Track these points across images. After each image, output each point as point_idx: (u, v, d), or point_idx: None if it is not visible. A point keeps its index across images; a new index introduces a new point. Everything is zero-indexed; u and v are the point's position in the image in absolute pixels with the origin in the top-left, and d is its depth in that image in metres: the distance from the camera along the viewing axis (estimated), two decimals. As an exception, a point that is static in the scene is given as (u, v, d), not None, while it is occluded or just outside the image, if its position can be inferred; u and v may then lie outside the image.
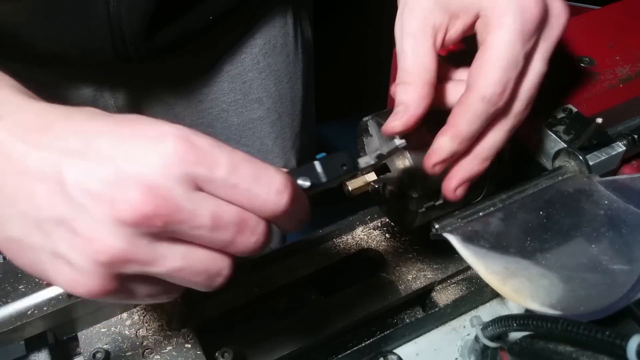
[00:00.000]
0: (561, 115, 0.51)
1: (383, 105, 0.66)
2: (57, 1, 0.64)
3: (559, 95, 0.53)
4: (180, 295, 0.34)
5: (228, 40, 0.84)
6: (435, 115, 0.44)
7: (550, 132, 0.50)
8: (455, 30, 0.45)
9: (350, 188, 0.55)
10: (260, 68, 0.88)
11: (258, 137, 0.90)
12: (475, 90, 0.41)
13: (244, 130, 0.91)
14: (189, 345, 0.52)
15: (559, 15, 0.43)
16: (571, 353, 0.39)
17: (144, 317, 0.55)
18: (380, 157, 0.41)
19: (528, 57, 0.42)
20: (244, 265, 0.57)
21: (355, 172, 0.40)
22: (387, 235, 0.68)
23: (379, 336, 0.52)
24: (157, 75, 0.84)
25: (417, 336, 0.55)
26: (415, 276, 0.64)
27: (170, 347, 0.52)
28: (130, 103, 0.89)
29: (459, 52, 0.66)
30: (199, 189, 0.30)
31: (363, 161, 0.41)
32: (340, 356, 0.50)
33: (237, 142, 0.90)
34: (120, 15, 0.65)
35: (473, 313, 0.57)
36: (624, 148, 0.49)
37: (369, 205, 0.64)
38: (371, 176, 0.56)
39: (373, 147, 0.57)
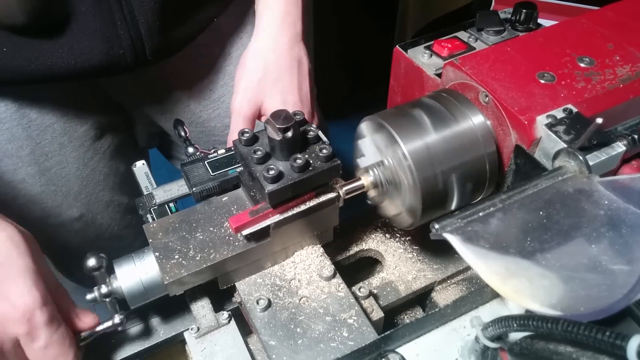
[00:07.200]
0: (561, 115, 0.51)
1: (383, 106, 0.66)
2: (80, 29, 0.67)
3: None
4: None
5: (227, 24, 0.88)
6: None
7: (550, 132, 0.50)
8: None
9: (343, 191, 0.56)
10: None
11: None
12: None
13: None
14: (342, 294, 0.56)
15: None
16: (571, 353, 0.39)
17: (294, 269, 0.59)
18: None
19: None
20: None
21: None
22: (387, 235, 0.68)
23: (379, 336, 0.52)
24: (169, 75, 0.87)
25: (417, 336, 0.55)
26: (415, 276, 0.64)
27: (325, 296, 0.56)
28: (147, 108, 0.91)
29: (457, 52, 0.67)
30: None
31: None
32: (340, 356, 0.50)
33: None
34: (136, 19, 0.69)
35: (473, 313, 0.57)
36: (624, 148, 0.49)
37: (369, 205, 0.64)
38: (366, 179, 0.56)
39: (367, 148, 0.57)
